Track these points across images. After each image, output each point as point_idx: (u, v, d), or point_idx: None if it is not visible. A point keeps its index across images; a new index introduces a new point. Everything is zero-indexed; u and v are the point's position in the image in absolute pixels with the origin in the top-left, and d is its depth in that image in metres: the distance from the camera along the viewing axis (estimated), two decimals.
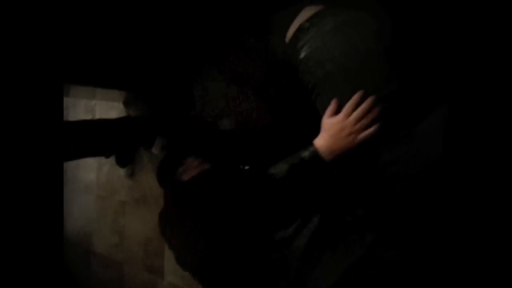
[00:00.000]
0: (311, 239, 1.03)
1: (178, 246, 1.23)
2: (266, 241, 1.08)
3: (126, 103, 1.90)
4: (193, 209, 1.18)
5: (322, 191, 1.06)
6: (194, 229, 1.14)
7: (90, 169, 2.40)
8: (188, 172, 1.42)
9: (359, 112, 0.96)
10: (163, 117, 1.73)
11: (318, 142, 1.01)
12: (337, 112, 1.00)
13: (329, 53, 0.98)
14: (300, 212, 1.08)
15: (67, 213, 2.60)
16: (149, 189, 1.97)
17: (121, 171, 2.14)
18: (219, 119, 1.38)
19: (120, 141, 1.74)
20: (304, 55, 1.03)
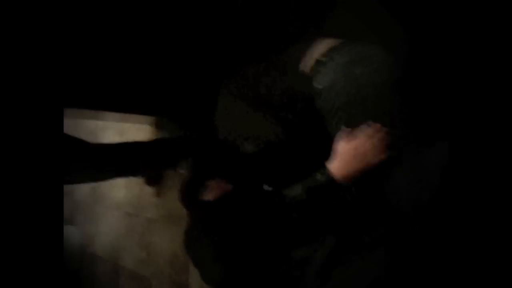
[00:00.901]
0: (328, 258, 1.08)
1: (202, 263, 1.29)
2: (286, 260, 1.14)
3: (156, 126, 1.99)
4: (215, 229, 1.25)
5: (339, 213, 1.11)
6: (217, 247, 1.20)
7: (119, 187, 2.49)
8: (211, 192, 1.48)
9: (375, 139, 1.03)
10: (190, 139, 1.81)
11: (333, 166, 1.07)
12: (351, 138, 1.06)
13: (341, 88, 1.06)
14: (319, 232, 1.13)
15: (97, 229, 2.70)
16: (175, 208, 2.05)
17: (149, 190, 2.22)
18: (241, 141, 1.44)
19: (149, 162, 1.83)
20: (321, 87, 1.11)
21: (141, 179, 2.19)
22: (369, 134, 1.03)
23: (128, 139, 2.40)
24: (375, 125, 1.03)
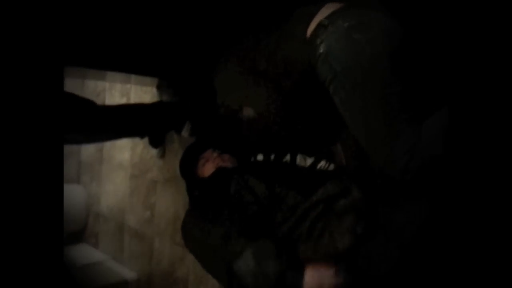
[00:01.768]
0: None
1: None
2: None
3: (159, 88, 2.00)
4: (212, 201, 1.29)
5: None
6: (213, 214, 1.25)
7: (124, 149, 2.53)
8: (207, 165, 1.51)
9: None
10: (192, 103, 1.83)
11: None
12: None
13: (342, 53, 1.06)
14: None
15: (103, 190, 2.76)
16: (178, 170, 2.09)
17: (153, 152, 2.25)
18: (239, 107, 1.45)
19: (153, 124, 1.85)
20: (322, 50, 1.10)
21: (145, 141, 2.22)
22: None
23: (131, 101, 2.42)
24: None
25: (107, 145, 2.66)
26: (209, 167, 1.50)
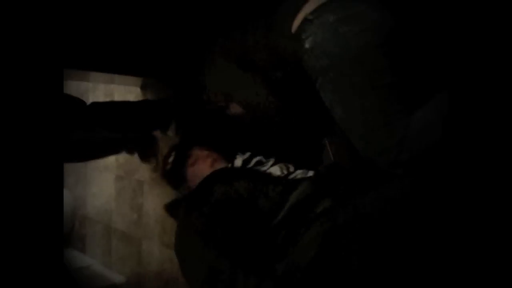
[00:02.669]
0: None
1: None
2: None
3: (143, 88, 1.98)
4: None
5: None
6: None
7: None
8: (198, 165, 1.42)
9: None
10: (178, 101, 1.80)
11: None
12: None
13: (328, 47, 1.05)
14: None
15: (88, 192, 2.72)
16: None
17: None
18: (229, 102, 1.43)
19: (138, 122, 1.82)
20: (308, 46, 1.09)
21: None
22: None
23: (116, 100, 2.39)
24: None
25: None
26: (202, 167, 1.40)
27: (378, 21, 1.06)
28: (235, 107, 1.38)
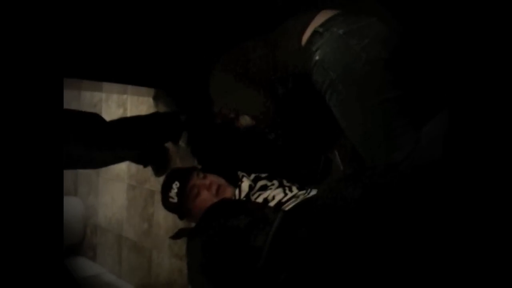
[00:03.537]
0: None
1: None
2: None
3: (155, 98, 2.00)
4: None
5: None
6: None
7: None
8: (201, 195, 1.39)
9: None
10: (189, 112, 1.82)
11: None
12: None
13: (337, 59, 1.05)
14: None
15: (100, 201, 2.74)
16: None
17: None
18: (235, 116, 1.43)
19: (150, 135, 1.84)
20: (318, 58, 1.10)
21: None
22: None
23: (128, 111, 2.41)
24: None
25: None
26: (206, 197, 1.36)
27: (385, 35, 1.07)
28: (244, 120, 1.39)
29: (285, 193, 1.26)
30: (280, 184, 1.33)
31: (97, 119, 1.65)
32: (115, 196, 2.61)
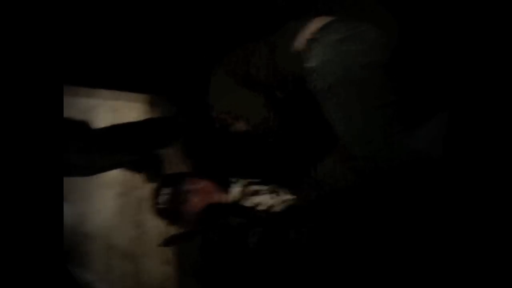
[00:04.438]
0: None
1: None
2: None
3: (149, 104, 1.99)
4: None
5: None
6: None
7: None
8: (192, 199, 1.41)
9: None
10: (185, 118, 1.82)
11: None
12: None
13: (333, 65, 1.07)
14: None
15: (90, 208, 2.70)
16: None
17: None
18: (233, 120, 1.44)
19: (146, 141, 1.83)
20: (314, 64, 1.12)
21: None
22: None
23: (120, 117, 2.40)
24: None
25: None
26: (196, 202, 1.41)
27: (381, 40, 1.09)
28: (241, 125, 1.40)
29: (276, 198, 1.28)
30: (271, 189, 1.35)
31: (96, 125, 1.65)
32: (104, 203, 2.58)
